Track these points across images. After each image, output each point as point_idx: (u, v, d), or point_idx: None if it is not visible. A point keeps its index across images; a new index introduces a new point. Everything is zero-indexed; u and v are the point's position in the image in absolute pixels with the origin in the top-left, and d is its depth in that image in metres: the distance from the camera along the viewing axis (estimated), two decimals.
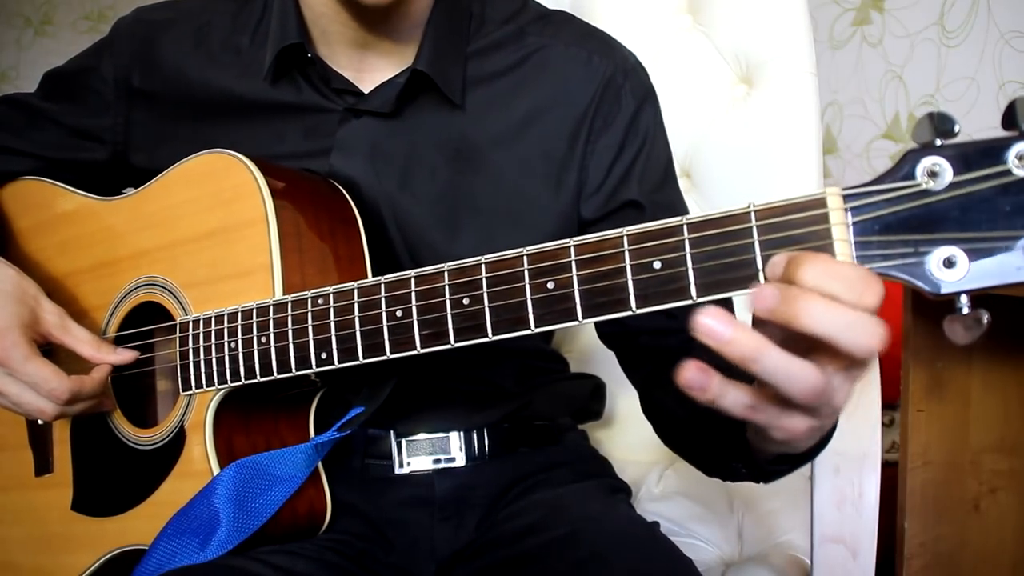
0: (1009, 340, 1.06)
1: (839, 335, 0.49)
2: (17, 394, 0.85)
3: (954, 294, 0.50)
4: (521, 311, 0.63)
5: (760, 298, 0.50)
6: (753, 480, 0.76)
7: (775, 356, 0.51)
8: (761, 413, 0.55)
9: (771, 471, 0.72)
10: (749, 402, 0.55)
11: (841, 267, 0.50)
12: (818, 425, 0.57)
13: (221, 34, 0.96)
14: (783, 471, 0.72)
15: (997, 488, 1.14)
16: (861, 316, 0.49)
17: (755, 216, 0.55)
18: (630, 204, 0.92)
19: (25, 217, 1.01)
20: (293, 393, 0.85)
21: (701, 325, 0.51)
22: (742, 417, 0.55)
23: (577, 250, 0.61)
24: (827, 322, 0.49)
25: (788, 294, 0.50)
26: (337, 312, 0.74)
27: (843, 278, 0.50)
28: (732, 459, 0.73)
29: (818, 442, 0.65)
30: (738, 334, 0.51)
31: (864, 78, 1.93)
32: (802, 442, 0.60)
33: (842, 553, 0.91)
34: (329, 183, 0.88)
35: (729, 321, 0.51)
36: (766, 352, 0.51)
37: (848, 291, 0.50)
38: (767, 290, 0.51)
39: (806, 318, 0.49)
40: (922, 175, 0.50)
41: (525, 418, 0.99)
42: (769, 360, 0.51)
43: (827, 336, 0.50)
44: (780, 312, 0.50)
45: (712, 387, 0.53)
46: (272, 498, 0.80)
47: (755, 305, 0.51)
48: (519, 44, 0.93)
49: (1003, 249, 0.49)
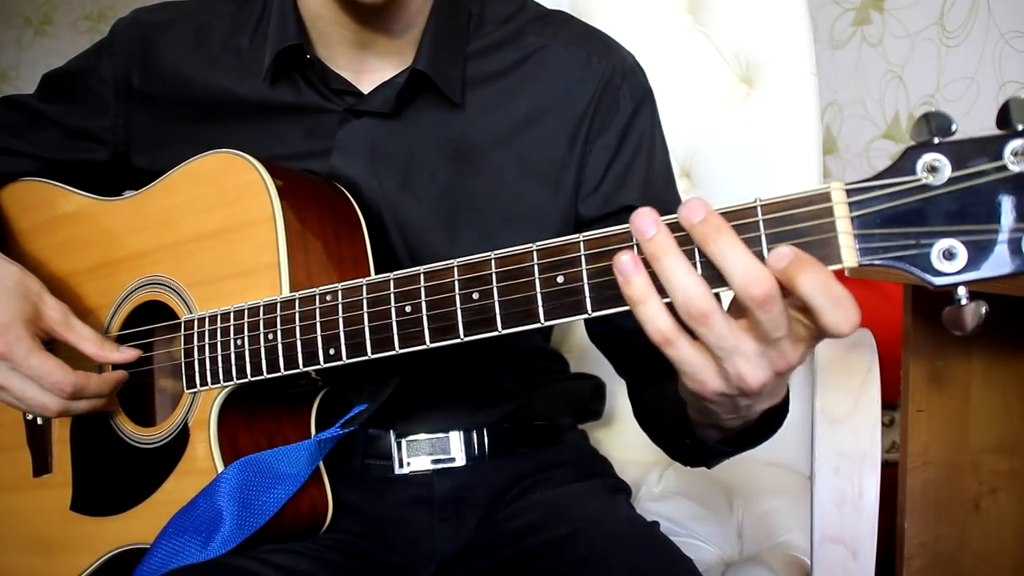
0: (1009, 340, 1.06)
1: (738, 276, 0.54)
2: (21, 388, 0.84)
3: (954, 285, 0.52)
4: (531, 304, 0.64)
5: (688, 209, 0.56)
6: (697, 462, 0.80)
7: (729, 240, 0.55)
8: (672, 346, 0.58)
9: (716, 450, 0.75)
10: (663, 326, 0.57)
11: (837, 286, 0.53)
12: (728, 392, 0.59)
13: (221, 35, 0.96)
14: (727, 453, 0.75)
15: (997, 488, 1.14)
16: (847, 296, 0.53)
17: (761, 210, 0.56)
18: (630, 209, 0.92)
19: (25, 218, 1.01)
20: (295, 392, 0.85)
21: (618, 262, 0.57)
22: (654, 341, 0.58)
23: (586, 245, 0.62)
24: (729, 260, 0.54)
25: (709, 219, 0.55)
26: (346, 308, 0.74)
27: (834, 296, 0.52)
28: (683, 436, 0.75)
29: (754, 428, 0.69)
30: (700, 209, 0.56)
31: (864, 78, 1.93)
32: (724, 411, 0.63)
33: (842, 553, 0.91)
34: (332, 185, 0.89)
35: (635, 261, 0.57)
36: (724, 233, 0.55)
37: (831, 311, 0.52)
38: (694, 203, 0.56)
39: (714, 248, 0.55)
40: (922, 171, 0.52)
41: (525, 418, 0.99)
42: (725, 241, 0.55)
43: (727, 272, 0.55)
44: (697, 232, 0.56)
45: (637, 281, 0.57)
46: (275, 496, 0.80)
47: (680, 214, 0.56)
48: (519, 44, 0.94)
49: (1001, 241, 0.50)
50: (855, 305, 0.53)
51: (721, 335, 0.56)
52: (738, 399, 0.61)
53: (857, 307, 0.53)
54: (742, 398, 0.60)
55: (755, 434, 0.71)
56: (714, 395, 0.60)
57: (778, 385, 0.62)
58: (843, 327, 0.53)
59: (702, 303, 0.55)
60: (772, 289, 0.54)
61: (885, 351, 1.01)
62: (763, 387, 0.58)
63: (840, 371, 0.98)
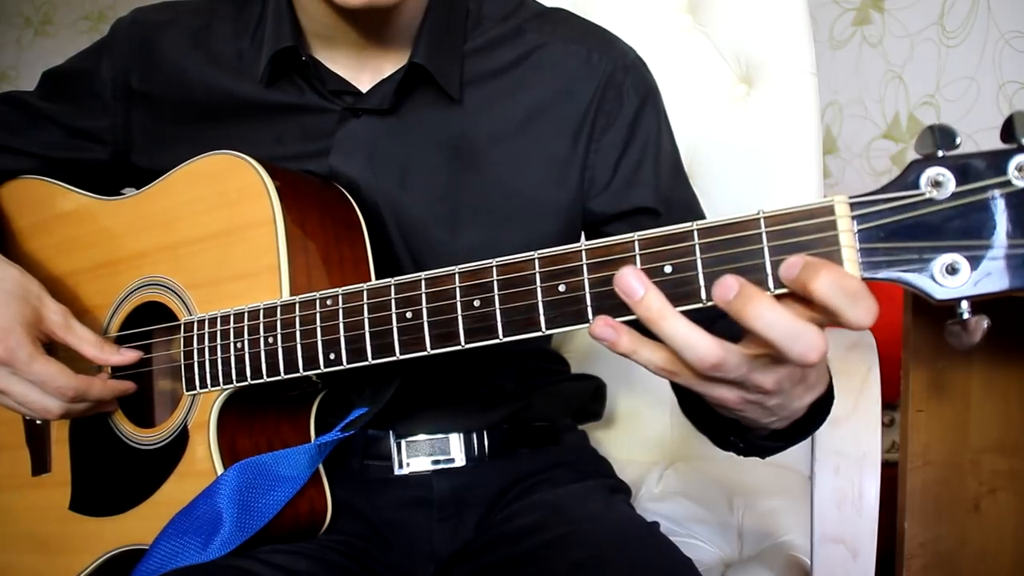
0: (1010, 341, 1.05)
1: (780, 340, 0.53)
2: (22, 393, 0.84)
3: (956, 300, 0.52)
4: (532, 313, 0.64)
5: (722, 287, 0.54)
6: (750, 454, 0.79)
7: (676, 324, 0.56)
8: (677, 377, 0.59)
9: (764, 447, 0.74)
10: (661, 363, 0.58)
11: (850, 281, 0.52)
12: (757, 400, 0.60)
13: (222, 36, 0.96)
14: (776, 448, 0.75)
15: (997, 488, 1.14)
16: (802, 326, 0.53)
17: (764, 223, 0.56)
18: (644, 211, 0.92)
19: (24, 216, 1.01)
20: (295, 394, 0.85)
21: (620, 279, 0.57)
22: (657, 374, 0.59)
23: (589, 254, 0.62)
24: (771, 326, 0.53)
25: (744, 292, 0.53)
26: (346, 313, 0.74)
27: (851, 293, 0.52)
28: (729, 432, 0.75)
29: (803, 420, 0.68)
30: (649, 295, 0.56)
31: (864, 78, 1.93)
32: (758, 417, 0.63)
33: (842, 553, 0.91)
34: (332, 186, 0.89)
35: (644, 282, 0.56)
36: (668, 317, 0.56)
37: (851, 307, 0.52)
38: (728, 280, 0.54)
39: (755, 320, 0.53)
40: (926, 185, 0.52)
41: (525, 419, 0.99)
42: (669, 325, 0.56)
43: (770, 338, 0.53)
44: (733, 307, 0.54)
45: (622, 341, 0.58)
46: (275, 498, 0.80)
47: (715, 293, 0.55)
48: (518, 41, 0.93)
49: (1003, 256, 0.51)
50: (871, 295, 0.53)
51: (737, 369, 0.57)
52: (765, 400, 0.61)
53: (873, 297, 0.53)
54: (768, 397, 0.60)
55: (805, 426, 0.71)
56: (738, 404, 0.61)
57: (805, 378, 0.61)
58: (865, 320, 0.52)
59: (713, 355, 0.56)
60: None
61: (885, 351, 1.01)
62: (779, 384, 0.58)
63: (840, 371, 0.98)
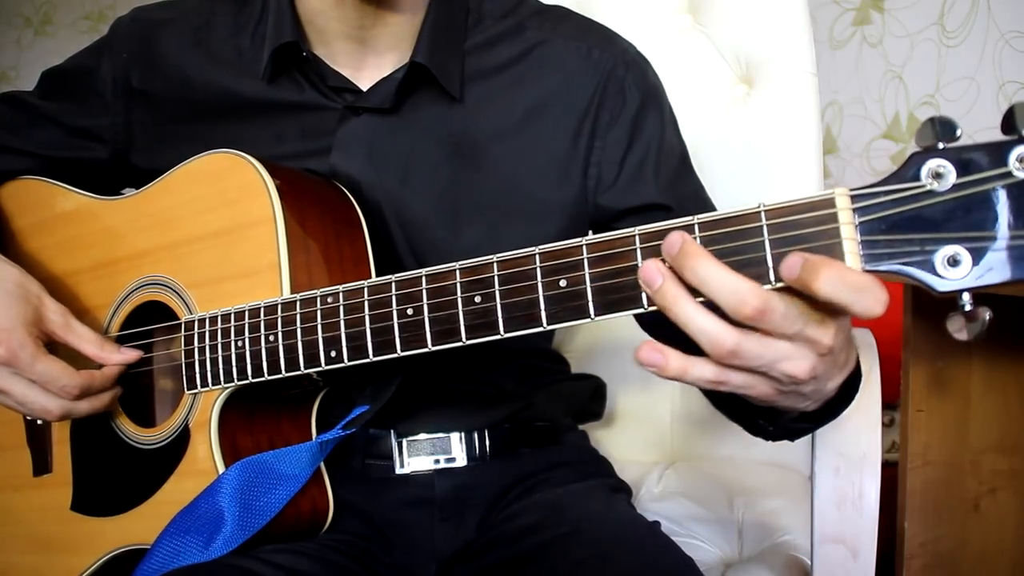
0: (1010, 340, 1.06)
1: (715, 294, 0.55)
2: (23, 393, 0.85)
3: (958, 291, 0.52)
4: (533, 308, 0.64)
5: (667, 243, 0.56)
6: (780, 438, 0.79)
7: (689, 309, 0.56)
8: (725, 385, 0.59)
9: (795, 428, 0.75)
10: (712, 376, 0.58)
11: (853, 275, 0.52)
12: (792, 390, 0.60)
13: (222, 34, 0.96)
14: (807, 429, 0.76)
15: (997, 488, 1.14)
16: (868, 281, 0.52)
17: (765, 215, 0.56)
18: (655, 207, 0.92)
19: (24, 216, 1.01)
20: (295, 392, 0.85)
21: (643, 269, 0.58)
22: (712, 388, 0.59)
23: (589, 248, 0.62)
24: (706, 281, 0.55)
25: (685, 248, 0.56)
26: (347, 311, 0.74)
27: (855, 287, 0.52)
28: (758, 417, 0.76)
29: (835, 399, 0.67)
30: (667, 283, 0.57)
31: (864, 78, 1.93)
32: (796, 403, 0.63)
33: (842, 553, 0.91)
34: (333, 184, 0.89)
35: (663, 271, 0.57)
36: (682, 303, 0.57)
37: (858, 299, 0.52)
38: (673, 236, 0.57)
39: (691, 274, 0.55)
40: (927, 177, 0.52)
41: (526, 418, 0.99)
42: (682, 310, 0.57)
43: (707, 293, 0.55)
44: (676, 262, 0.56)
45: (670, 364, 0.57)
46: (277, 497, 0.80)
47: (663, 248, 0.57)
48: (518, 39, 0.94)
49: (1005, 247, 0.51)
50: (879, 284, 0.52)
51: (758, 355, 0.56)
52: (800, 388, 0.60)
53: (881, 285, 0.52)
54: (803, 386, 0.60)
55: (835, 406, 0.71)
56: (775, 397, 0.61)
57: (836, 361, 0.61)
58: (875, 310, 0.52)
59: (727, 340, 0.56)
60: (761, 303, 0.54)
61: (885, 351, 1.01)
62: (813, 371, 0.58)
63: None
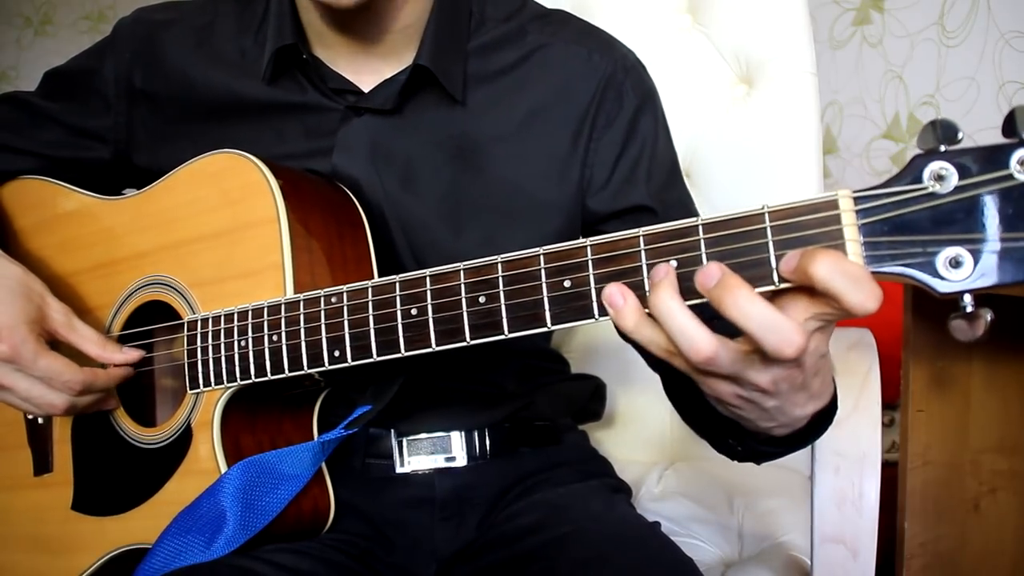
0: (1010, 340, 1.06)
1: (756, 331, 0.53)
2: (26, 389, 0.85)
3: (960, 293, 0.53)
4: (538, 309, 0.64)
5: (704, 275, 0.54)
6: (746, 460, 0.79)
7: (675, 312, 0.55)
8: (677, 359, 0.58)
9: (762, 451, 0.74)
10: (665, 344, 0.58)
11: (849, 265, 0.52)
12: (753, 398, 0.60)
13: (225, 35, 0.96)
14: (775, 453, 0.74)
15: (997, 488, 1.14)
16: (779, 319, 0.53)
17: (769, 217, 0.56)
18: (641, 209, 0.92)
19: (26, 216, 1.01)
20: (298, 392, 0.85)
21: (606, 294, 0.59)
22: (660, 356, 0.59)
23: (594, 249, 0.62)
24: (748, 316, 0.53)
25: (724, 281, 0.54)
26: (351, 310, 0.74)
27: (851, 276, 0.52)
28: (727, 435, 0.75)
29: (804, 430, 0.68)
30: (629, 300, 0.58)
31: (864, 78, 1.93)
32: (756, 418, 0.63)
33: (842, 553, 0.91)
34: (335, 185, 0.89)
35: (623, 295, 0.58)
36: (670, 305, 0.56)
37: (853, 290, 0.52)
38: (711, 268, 0.54)
39: (732, 309, 0.53)
40: (929, 179, 0.53)
41: (526, 418, 0.99)
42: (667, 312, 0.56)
43: (747, 329, 0.53)
44: (714, 295, 0.54)
45: (626, 311, 0.58)
46: (279, 496, 0.80)
47: (697, 280, 0.55)
48: (520, 42, 0.94)
49: (1006, 249, 0.51)
50: (874, 281, 0.53)
51: (730, 365, 0.57)
52: (762, 400, 0.60)
53: (876, 283, 0.53)
54: (765, 397, 0.60)
55: (805, 436, 0.70)
56: (735, 400, 0.61)
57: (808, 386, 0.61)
58: (869, 304, 0.52)
59: (705, 348, 0.55)
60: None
61: (885, 351, 1.01)
62: (775, 384, 0.58)
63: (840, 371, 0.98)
